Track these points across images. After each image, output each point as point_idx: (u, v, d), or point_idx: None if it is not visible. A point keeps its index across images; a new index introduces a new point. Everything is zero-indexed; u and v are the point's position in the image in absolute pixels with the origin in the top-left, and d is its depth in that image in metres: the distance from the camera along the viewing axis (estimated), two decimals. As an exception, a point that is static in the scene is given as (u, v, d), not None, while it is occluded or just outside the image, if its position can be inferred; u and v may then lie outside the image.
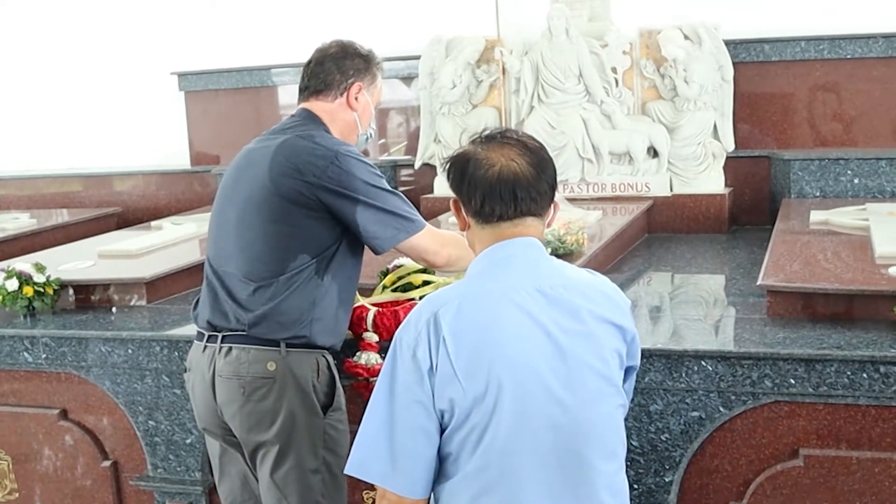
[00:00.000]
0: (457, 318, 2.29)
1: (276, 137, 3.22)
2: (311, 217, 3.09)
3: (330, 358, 3.20)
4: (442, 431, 2.32)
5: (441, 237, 3.28)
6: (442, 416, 2.30)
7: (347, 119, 3.33)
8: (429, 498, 2.39)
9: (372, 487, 3.66)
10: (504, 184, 2.37)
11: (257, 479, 3.23)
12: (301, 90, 3.36)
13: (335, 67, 3.31)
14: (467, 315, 2.30)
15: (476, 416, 2.27)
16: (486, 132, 2.50)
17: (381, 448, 2.31)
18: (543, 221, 2.47)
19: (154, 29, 7.64)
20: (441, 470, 2.36)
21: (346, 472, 2.41)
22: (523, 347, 2.29)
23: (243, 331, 3.09)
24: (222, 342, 3.12)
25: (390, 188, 3.20)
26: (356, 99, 3.33)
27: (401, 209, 3.18)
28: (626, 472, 2.52)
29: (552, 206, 2.49)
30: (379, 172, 3.20)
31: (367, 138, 3.44)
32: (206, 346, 3.16)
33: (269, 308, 3.07)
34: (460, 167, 2.44)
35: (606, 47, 5.94)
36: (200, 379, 3.18)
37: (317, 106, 3.31)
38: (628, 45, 5.94)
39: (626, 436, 2.46)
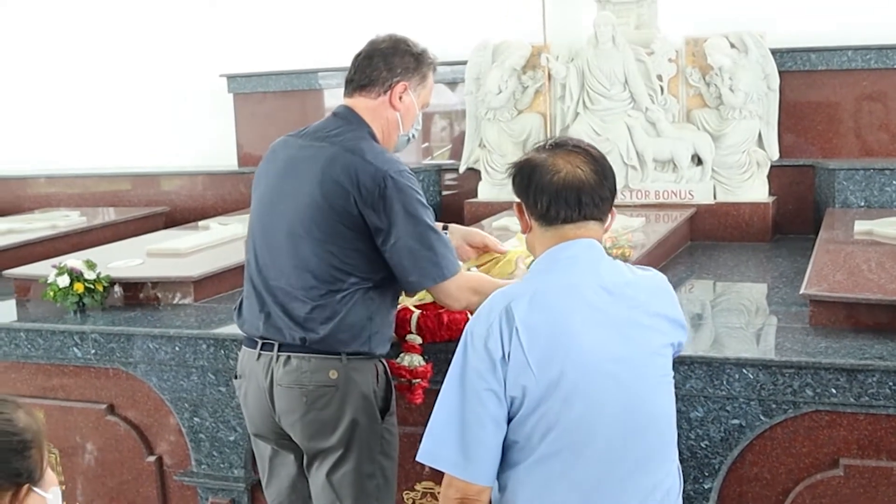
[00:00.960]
0: (529, 311, 2.40)
1: (322, 146, 3.12)
2: (363, 238, 3.04)
3: (385, 363, 3.24)
4: (509, 420, 2.42)
5: (467, 283, 3.18)
6: (511, 404, 2.40)
7: (390, 118, 3.23)
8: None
9: (412, 487, 3.72)
10: (569, 189, 2.49)
11: (308, 481, 3.25)
12: (347, 82, 3.27)
13: (383, 63, 3.21)
14: (539, 308, 2.41)
15: (547, 404, 2.37)
16: (552, 140, 2.63)
17: (451, 436, 2.41)
18: (603, 226, 2.60)
19: (205, 30, 7.73)
20: (507, 458, 2.45)
21: (417, 459, 2.49)
22: (593, 339, 2.40)
23: (302, 346, 3.08)
24: (279, 350, 3.10)
25: (433, 223, 3.11)
26: (400, 98, 3.23)
27: (438, 251, 3.08)
28: (665, 478, 2.56)
29: (611, 212, 2.62)
30: (425, 202, 3.11)
31: (408, 139, 3.35)
32: (260, 354, 3.14)
33: (329, 329, 3.05)
34: (527, 172, 2.56)
35: (652, 55, 5.95)
36: (256, 387, 3.17)
37: (360, 102, 3.22)
38: (674, 52, 5.95)
39: None
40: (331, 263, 3.05)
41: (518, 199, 2.62)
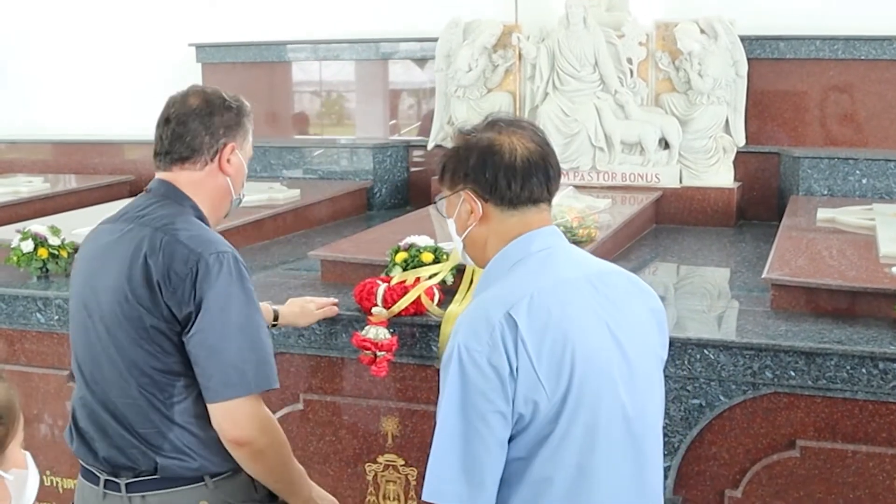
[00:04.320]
0: (531, 318, 2.17)
1: (130, 227, 2.67)
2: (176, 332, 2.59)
3: None
4: (511, 437, 2.20)
5: (267, 415, 2.68)
6: (517, 421, 2.18)
7: (219, 186, 2.77)
8: None
9: (374, 460, 3.74)
10: (535, 165, 2.32)
11: None
12: (159, 155, 2.76)
13: (202, 128, 2.70)
14: (539, 313, 2.19)
15: (556, 415, 2.17)
16: (490, 119, 2.42)
17: (454, 467, 2.18)
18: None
19: (174, -1, 7.67)
20: (509, 474, 2.23)
21: (423, 499, 2.25)
22: (593, 344, 2.22)
23: (153, 473, 2.64)
24: (129, 491, 2.66)
25: (258, 319, 2.64)
26: (228, 161, 2.75)
27: (257, 359, 2.60)
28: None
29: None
30: (253, 293, 2.66)
31: (239, 201, 2.89)
32: (105, 494, 2.70)
33: (180, 446, 2.62)
34: (481, 151, 2.33)
35: (623, 38, 5.98)
36: None
37: (182, 176, 2.72)
38: (644, 36, 5.98)
39: None
40: (152, 366, 2.60)
41: (466, 187, 2.35)
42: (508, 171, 2.30)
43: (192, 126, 2.70)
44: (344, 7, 7.11)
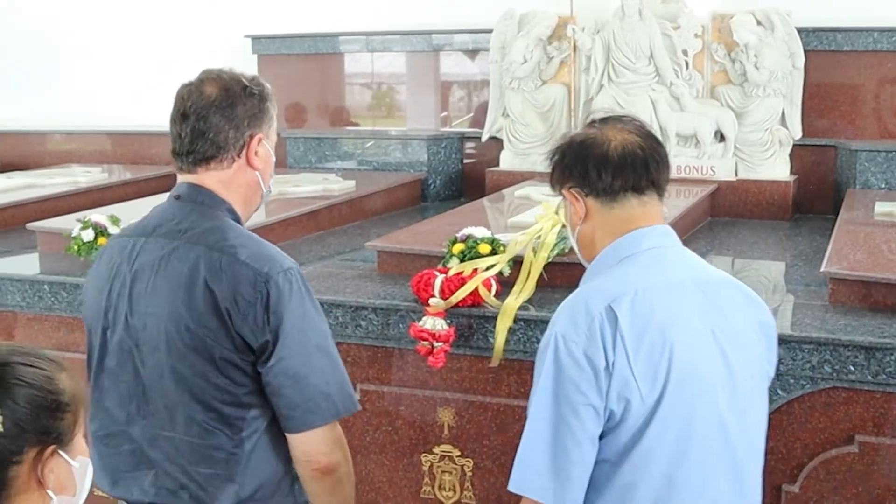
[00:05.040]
0: (632, 314, 2.12)
1: (175, 245, 2.43)
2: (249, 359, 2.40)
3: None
4: (601, 435, 2.14)
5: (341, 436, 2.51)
6: (609, 418, 2.12)
7: (249, 182, 2.55)
8: None
9: (430, 450, 3.76)
10: (632, 155, 2.28)
11: None
12: (181, 155, 2.53)
13: (225, 121, 2.47)
14: (642, 311, 2.13)
15: (647, 419, 2.10)
16: (594, 117, 2.41)
17: (543, 460, 2.13)
18: (663, 202, 2.38)
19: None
20: (596, 477, 2.17)
21: (508, 489, 2.20)
22: (695, 350, 2.15)
23: None
24: None
25: (329, 333, 2.49)
26: (256, 154, 2.53)
27: (338, 380, 2.46)
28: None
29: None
30: (322, 315, 2.50)
31: (268, 193, 2.66)
32: None
33: (239, 489, 2.43)
34: (574, 148, 2.34)
35: (679, 29, 5.95)
36: None
37: (209, 178, 2.50)
38: (700, 28, 5.94)
39: None
40: (221, 399, 2.40)
41: (567, 185, 2.34)
42: (599, 161, 2.28)
43: (214, 120, 2.47)
44: (396, -1, 7.15)
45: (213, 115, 2.47)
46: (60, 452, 1.77)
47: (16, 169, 7.32)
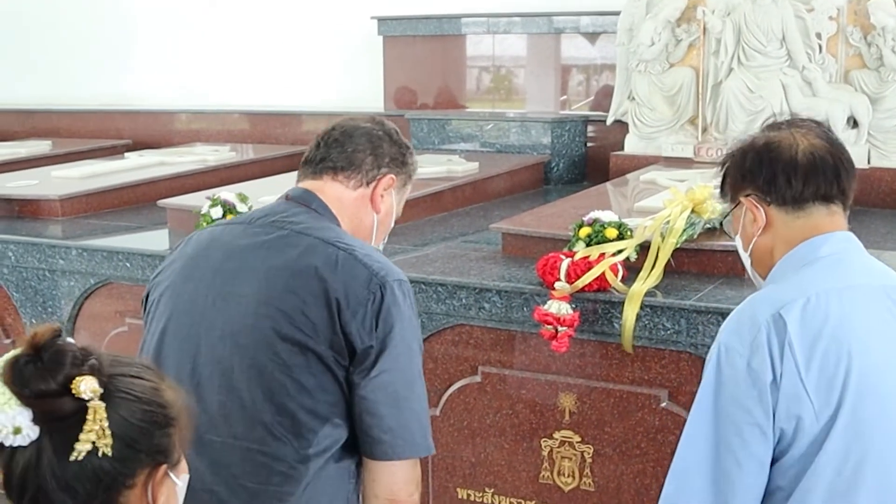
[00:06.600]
0: (803, 321, 1.97)
1: (284, 233, 2.27)
2: (341, 367, 2.20)
3: None
4: (774, 460, 1.99)
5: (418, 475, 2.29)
6: (780, 440, 1.97)
7: (365, 220, 2.42)
8: None
9: (550, 435, 3.74)
10: (822, 160, 2.15)
11: None
12: (311, 163, 2.44)
13: (369, 145, 2.42)
14: (815, 317, 1.98)
15: (821, 443, 1.94)
16: (768, 122, 2.30)
17: (701, 481, 2.01)
18: (846, 216, 2.22)
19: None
20: None
21: (660, 502, 2.09)
22: (878, 362, 1.98)
23: None
24: None
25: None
26: (382, 196, 2.43)
27: (425, 412, 2.28)
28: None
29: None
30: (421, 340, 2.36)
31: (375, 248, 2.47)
32: None
33: None
34: (756, 151, 2.21)
35: (812, 12, 5.78)
36: None
37: (329, 188, 2.38)
38: (835, 10, 5.77)
39: None
40: (298, 402, 2.16)
41: (745, 192, 2.21)
42: (788, 166, 2.14)
43: (358, 140, 2.42)
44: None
45: (359, 137, 2.43)
46: (170, 473, 1.60)
47: (147, 147, 7.48)
